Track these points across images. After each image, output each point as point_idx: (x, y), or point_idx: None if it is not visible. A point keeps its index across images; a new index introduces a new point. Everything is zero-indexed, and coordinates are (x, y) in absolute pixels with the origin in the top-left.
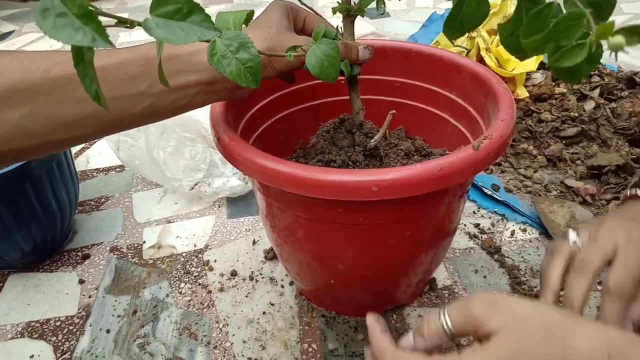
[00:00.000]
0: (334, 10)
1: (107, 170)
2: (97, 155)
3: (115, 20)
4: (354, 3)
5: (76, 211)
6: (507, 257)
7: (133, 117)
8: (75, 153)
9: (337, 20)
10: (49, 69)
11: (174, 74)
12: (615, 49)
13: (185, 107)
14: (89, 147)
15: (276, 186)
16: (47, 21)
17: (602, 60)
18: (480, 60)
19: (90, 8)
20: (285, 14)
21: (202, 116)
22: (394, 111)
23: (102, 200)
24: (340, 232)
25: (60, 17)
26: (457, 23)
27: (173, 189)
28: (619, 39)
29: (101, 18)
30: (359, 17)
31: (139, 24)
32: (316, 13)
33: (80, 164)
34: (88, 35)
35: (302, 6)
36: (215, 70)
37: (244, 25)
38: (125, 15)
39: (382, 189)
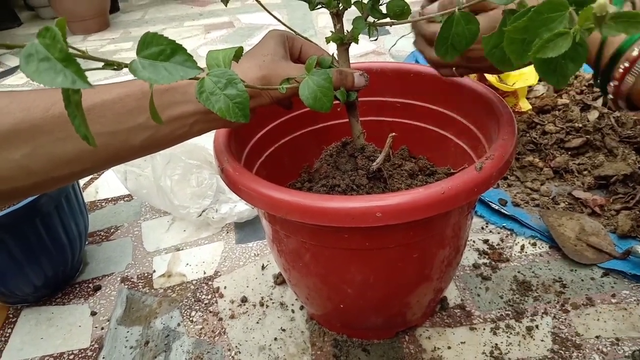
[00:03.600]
0: (328, 40)
1: (115, 200)
2: (105, 185)
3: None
4: (347, 31)
5: (86, 242)
6: (518, 273)
7: (133, 148)
8: (84, 184)
9: (334, 46)
10: (48, 108)
11: (171, 105)
12: (599, 12)
13: (183, 137)
14: (97, 178)
15: (281, 215)
16: (30, 66)
17: None
18: (481, 75)
19: (73, 51)
20: (281, 43)
21: (207, 143)
22: (393, 133)
23: (112, 230)
24: (346, 257)
25: (43, 62)
26: (448, 44)
27: (181, 217)
28: (602, 2)
29: (91, 62)
30: (360, 35)
31: (126, 66)
32: (310, 41)
33: (89, 195)
34: (68, 77)
35: (299, 35)
36: None
37: (234, 62)
38: (129, 44)
39: (385, 214)
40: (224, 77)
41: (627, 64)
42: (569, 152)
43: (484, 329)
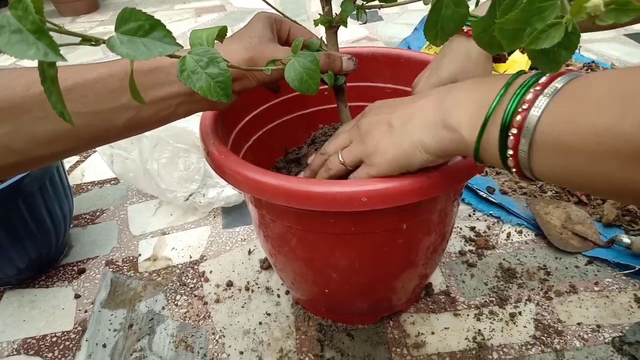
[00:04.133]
0: (316, 22)
1: (102, 183)
2: (92, 168)
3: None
4: (336, 14)
5: (71, 225)
6: (504, 260)
7: (116, 129)
8: (70, 167)
9: (323, 30)
10: (29, 86)
11: (156, 86)
12: (593, 12)
13: (168, 118)
14: (84, 161)
15: (266, 198)
16: (2, 37)
17: (596, 60)
18: None
19: (48, 25)
20: (268, 25)
21: (195, 126)
22: None
23: (98, 213)
24: (332, 242)
25: (15, 34)
26: (437, 27)
27: (168, 201)
28: (597, 2)
29: (69, 37)
30: (351, 21)
31: (104, 42)
32: (299, 24)
33: (75, 178)
34: (41, 50)
35: (287, 18)
36: None
37: (220, 44)
38: None
39: (371, 199)
40: (205, 56)
41: (515, 131)
42: None
43: (468, 315)
